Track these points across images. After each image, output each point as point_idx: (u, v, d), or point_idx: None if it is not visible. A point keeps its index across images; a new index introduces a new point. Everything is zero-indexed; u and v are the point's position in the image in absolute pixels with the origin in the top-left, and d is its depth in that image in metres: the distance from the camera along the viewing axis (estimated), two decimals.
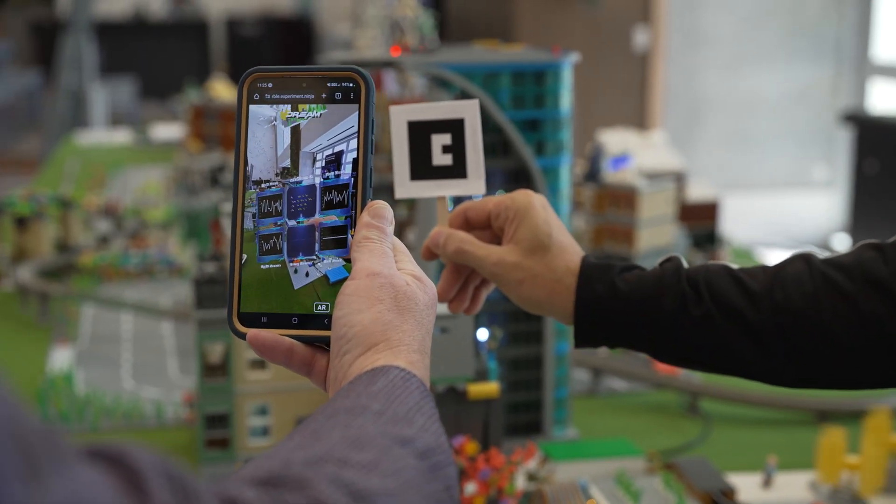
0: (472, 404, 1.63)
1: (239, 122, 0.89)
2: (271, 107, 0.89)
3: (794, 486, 1.84)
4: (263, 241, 0.88)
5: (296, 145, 0.89)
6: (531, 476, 1.68)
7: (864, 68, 7.32)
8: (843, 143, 7.20)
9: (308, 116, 0.89)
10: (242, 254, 0.89)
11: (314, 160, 0.89)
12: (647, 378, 2.24)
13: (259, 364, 1.88)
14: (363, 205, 0.88)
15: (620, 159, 2.75)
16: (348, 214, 0.88)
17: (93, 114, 7.12)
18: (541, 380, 2.00)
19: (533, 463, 1.69)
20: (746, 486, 1.82)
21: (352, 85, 0.89)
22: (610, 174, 2.70)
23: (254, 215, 0.89)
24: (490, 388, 1.63)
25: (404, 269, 0.87)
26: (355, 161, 0.88)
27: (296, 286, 0.88)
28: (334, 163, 0.88)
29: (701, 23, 7.22)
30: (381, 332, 0.81)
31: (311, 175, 0.88)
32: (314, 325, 0.87)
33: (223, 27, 10.55)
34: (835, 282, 1.12)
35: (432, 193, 1.19)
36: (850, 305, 1.11)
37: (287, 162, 0.89)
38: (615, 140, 3.31)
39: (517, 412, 2.00)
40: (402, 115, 1.18)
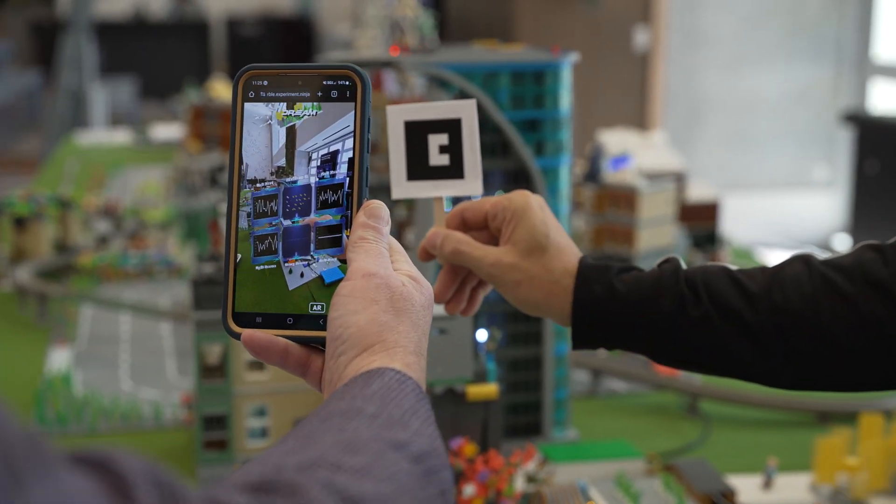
0: (471, 406, 1.62)
1: (234, 121, 0.89)
2: (266, 105, 0.88)
3: (794, 487, 1.83)
4: (258, 241, 0.88)
5: (291, 144, 0.88)
6: (530, 478, 1.67)
7: (865, 68, 7.31)
8: (843, 143, 7.19)
9: (304, 115, 0.88)
10: (237, 253, 0.88)
11: (310, 159, 0.88)
12: (647, 379, 2.23)
13: (257, 365, 1.87)
14: (359, 204, 0.87)
15: (620, 159, 2.74)
16: (344, 214, 0.87)
17: (93, 114, 7.12)
18: (540, 381, 1.99)
19: (532, 465, 1.69)
20: (746, 488, 1.81)
21: (348, 83, 0.88)
22: (610, 174, 2.69)
23: (249, 215, 0.88)
24: (489, 390, 1.63)
25: (400, 270, 0.86)
26: (351, 160, 0.88)
27: (290, 287, 0.87)
28: (330, 162, 0.88)
29: (701, 23, 7.21)
30: (376, 334, 0.81)
31: (306, 174, 0.88)
32: (309, 325, 0.87)
33: (223, 27, 10.55)
34: (834, 283, 1.11)
35: (429, 194, 1.18)
36: (850, 307, 1.10)
37: (282, 161, 0.88)
38: (615, 140, 3.30)
39: (516, 413, 1.99)
40: (399, 114, 1.17)
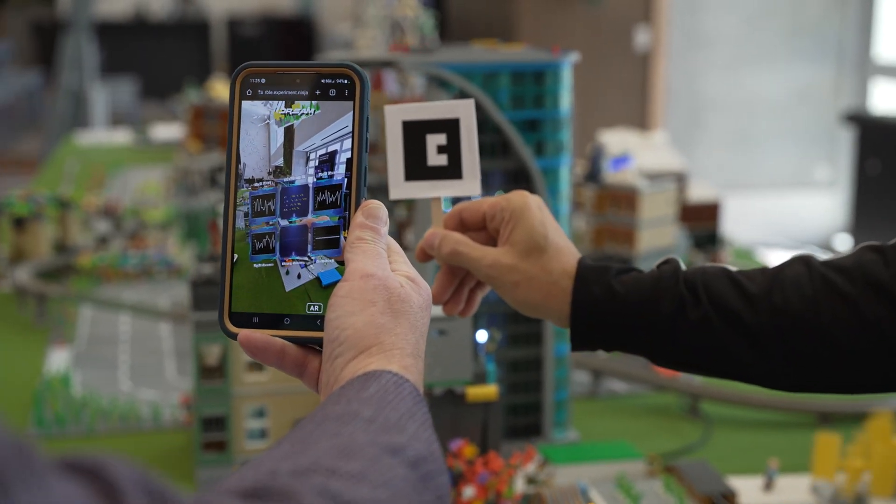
0: (471, 407, 1.62)
1: (231, 119, 0.88)
2: (264, 104, 0.88)
3: (795, 489, 1.82)
4: (256, 241, 0.87)
5: (289, 144, 0.87)
6: (530, 479, 1.67)
7: (866, 68, 7.30)
8: (844, 143, 7.18)
9: (302, 114, 0.87)
10: (234, 253, 0.87)
11: (307, 159, 0.87)
12: (648, 380, 2.23)
13: (256, 366, 1.86)
14: (357, 205, 0.87)
15: (621, 160, 2.73)
16: (341, 215, 0.87)
17: (93, 114, 7.12)
18: (540, 382, 1.98)
19: (532, 466, 1.68)
20: (747, 490, 1.80)
21: (346, 81, 0.87)
22: (610, 175, 2.69)
23: (246, 214, 0.87)
24: (488, 391, 1.62)
25: (398, 271, 0.85)
26: (349, 161, 0.87)
27: (287, 288, 0.87)
28: (328, 162, 0.87)
29: (702, 23, 7.21)
30: (373, 336, 0.80)
31: (304, 175, 0.87)
32: (306, 326, 0.86)
33: (224, 27, 10.55)
34: (835, 284, 1.10)
35: (427, 194, 1.17)
36: (851, 308, 1.09)
37: (280, 161, 0.87)
38: (616, 140, 3.30)
39: (517, 414, 1.98)
40: (397, 114, 1.17)
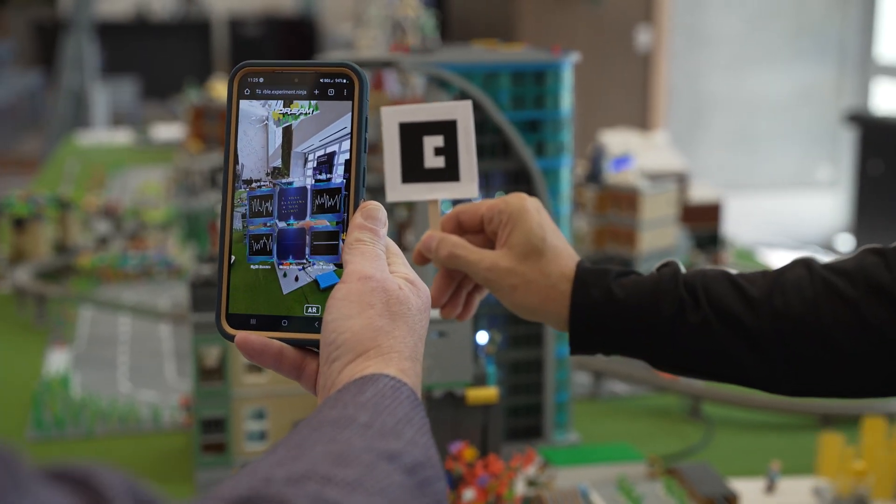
0: (471, 409, 1.61)
1: (229, 118, 0.87)
2: (263, 104, 0.87)
3: (797, 491, 1.82)
4: (253, 241, 0.86)
5: (287, 145, 0.86)
6: (531, 482, 1.66)
7: (868, 68, 7.29)
8: (846, 143, 7.17)
9: (300, 114, 0.87)
10: (231, 255, 0.87)
11: (306, 161, 0.86)
12: (649, 381, 2.22)
13: (256, 368, 1.86)
14: (356, 207, 0.86)
15: (622, 160, 2.73)
16: (340, 219, 0.86)
17: (94, 114, 7.11)
18: (541, 383, 1.98)
19: (532, 469, 1.67)
20: (749, 492, 1.80)
21: (345, 81, 0.86)
22: (612, 175, 2.68)
23: (243, 215, 0.87)
24: (489, 394, 1.61)
25: (397, 273, 0.85)
26: (348, 162, 0.86)
27: (285, 291, 0.86)
28: (326, 164, 0.86)
29: (704, 23, 7.20)
30: (371, 339, 0.79)
31: (302, 176, 0.86)
32: (304, 327, 0.85)
33: (225, 27, 10.54)
34: (836, 287, 1.09)
35: (424, 197, 1.16)
36: (852, 311, 1.08)
37: (278, 162, 0.86)
38: (617, 140, 3.29)
39: (517, 416, 1.98)
40: (394, 116, 1.16)
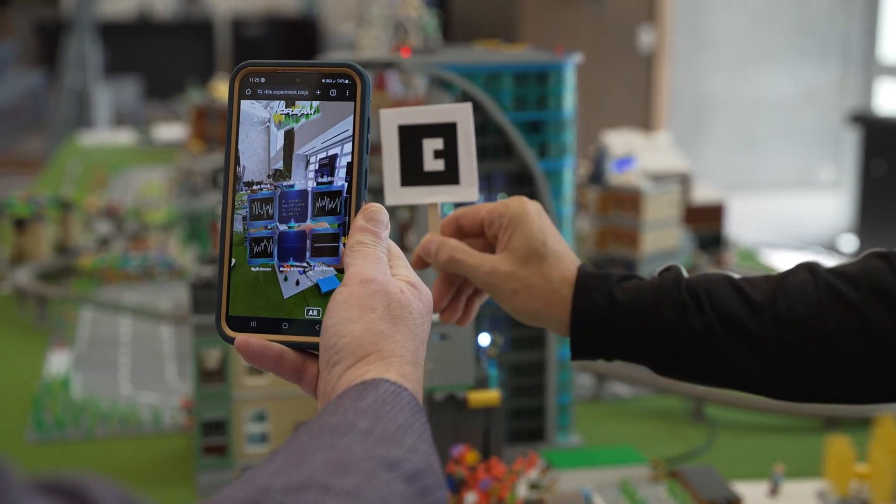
0: (473, 412, 1.60)
1: (230, 119, 0.86)
2: (264, 104, 0.86)
3: (801, 494, 1.81)
4: (254, 244, 0.86)
5: (289, 147, 0.86)
6: (533, 485, 1.65)
7: (872, 68, 7.28)
8: (850, 143, 7.16)
9: (302, 115, 0.86)
10: (232, 257, 0.86)
11: (307, 163, 0.85)
12: (652, 383, 2.21)
13: (257, 370, 1.85)
14: (357, 209, 0.85)
15: (625, 161, 2.72)
16: (341, 222, 0.85)
17: (96, 114, 7.11)
18: (543, 385, 1.97)
19: (535, 472, 1.66)
20: (753, 495, 1.79)
21: (347, 81, 0.86)
22: (614, 176, 2.67)
23: (244, 218, 0.86)
24: (491, 396, 1.61)
25: (399, 275, 0.84)
26: (349, 165, 0.85)
27: (285, 294, 0.85)
28: (328, 167, 0.85)
29: (707, 23, 7.19)
30: (372, 343, 0.78)
31: (303, 179, 0.85)
32: (305, 330, 0.84)
33: (228, 27, 10.53)
34: (840, 292, 1.08)
35: (423, 200, 1.15)
36: (856, 316, 1.07)
37: (280, 164, 0.86)
38: (620, 141, 3.28)
39: (519, 418, 1.97)
40: (393, 118, 1.15)
